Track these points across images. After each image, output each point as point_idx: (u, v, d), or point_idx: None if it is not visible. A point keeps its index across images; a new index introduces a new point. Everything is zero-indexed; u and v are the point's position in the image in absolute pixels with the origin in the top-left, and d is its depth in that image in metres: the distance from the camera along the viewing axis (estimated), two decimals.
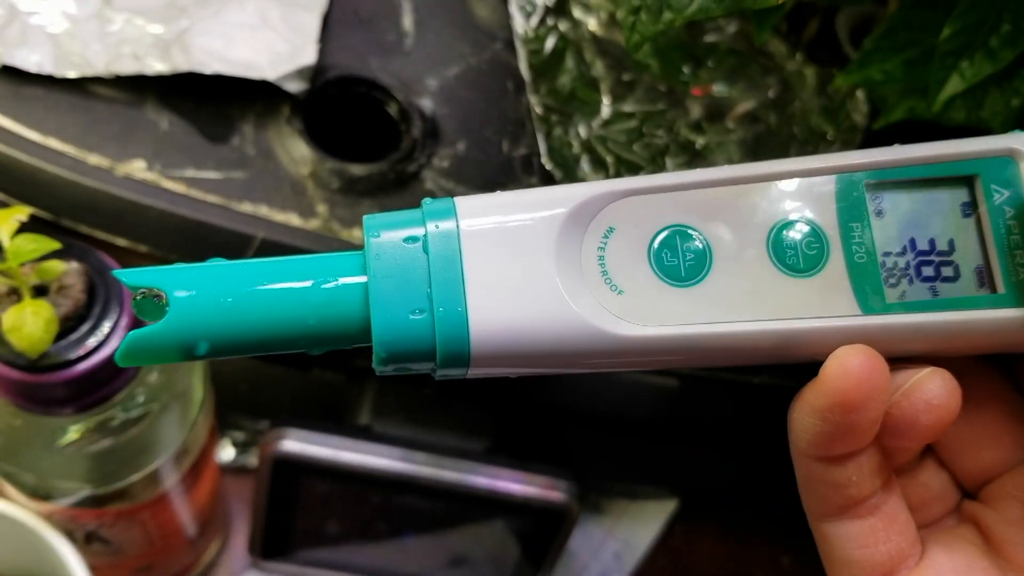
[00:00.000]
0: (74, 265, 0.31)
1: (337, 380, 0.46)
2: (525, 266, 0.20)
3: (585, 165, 0.41)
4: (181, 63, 0.38)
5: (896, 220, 0.22)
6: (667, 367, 0.22)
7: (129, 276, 0.20)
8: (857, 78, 0.38)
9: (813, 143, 0.44)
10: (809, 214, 0.21)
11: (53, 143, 0.37)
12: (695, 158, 0.42)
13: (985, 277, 0.21)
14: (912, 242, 0.22)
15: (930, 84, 0.35)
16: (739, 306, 0.21)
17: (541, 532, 0.44)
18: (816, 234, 0.21)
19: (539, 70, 0.43)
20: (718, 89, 0.44)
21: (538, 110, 0.42)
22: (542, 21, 0.44)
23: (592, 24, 0.45)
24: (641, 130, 0.43)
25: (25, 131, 0.37)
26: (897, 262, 0.21)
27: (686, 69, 0.44)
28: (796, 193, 0.21)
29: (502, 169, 0.42)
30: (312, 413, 0.46)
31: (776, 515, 0.50)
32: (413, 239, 0.20)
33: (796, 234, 0.21)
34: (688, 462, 0.51)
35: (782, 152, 0.43)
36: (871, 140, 0.44)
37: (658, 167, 0.42)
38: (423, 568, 0.47)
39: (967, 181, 0.22)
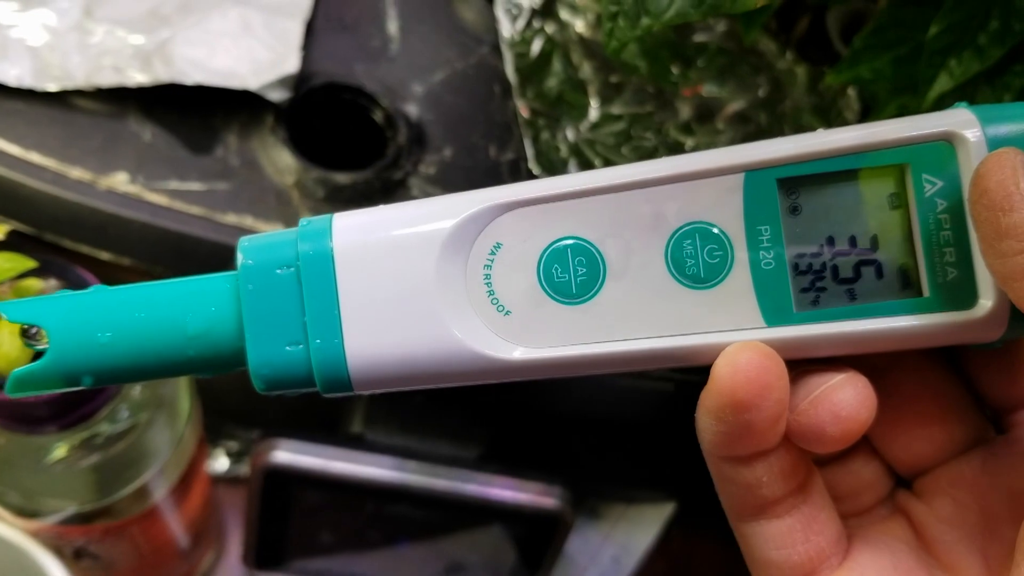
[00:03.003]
0: (52, 283, 0.30)
1: None
2: (404, 289, 0.19)
3: (573, 169, 0.41)
4: (162, 74, 0.38)
5: (813, 217, 0.19)
6: (563, 377, 0.21)
7: (10, 311, 0.20)
8: (847, 76, 0.38)
9: None
10: (712, 218, 0.19)
11: (34, 157, 0.37)
12: None
13: (909, 278, 0.19)
14: (830, 240, 0.19)
15: (919, 82, 0.34)
16: (633, 324, 0.19)
17: (536, 538, 0.43)
18: (719, 240, 0.19)
19: (526, 73, 0.42)
20: (708, 89, 0.44)
21: (525, 114, 0.42)
22: (528, 24, 0.43)
23: (579, 26, 0.44)
24: (629, 132, 0.42)
25: (6, 145, 0.37)
26: (812, 263, 0.19)
27: (675, 69, 0.44)
28: (698, 196, 0.19)
29: (489, 174, 0.41)
30: (304, 422, 0.46)
31: None
32: (286, 265, 0.19)
33: (697, 242, 0.19)
34: (685, 465, 0.50)
35: None
36: None
37: None
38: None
39: (896, 170, 0.19)
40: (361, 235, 0.20)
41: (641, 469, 0.51)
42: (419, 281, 0.19)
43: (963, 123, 0.19)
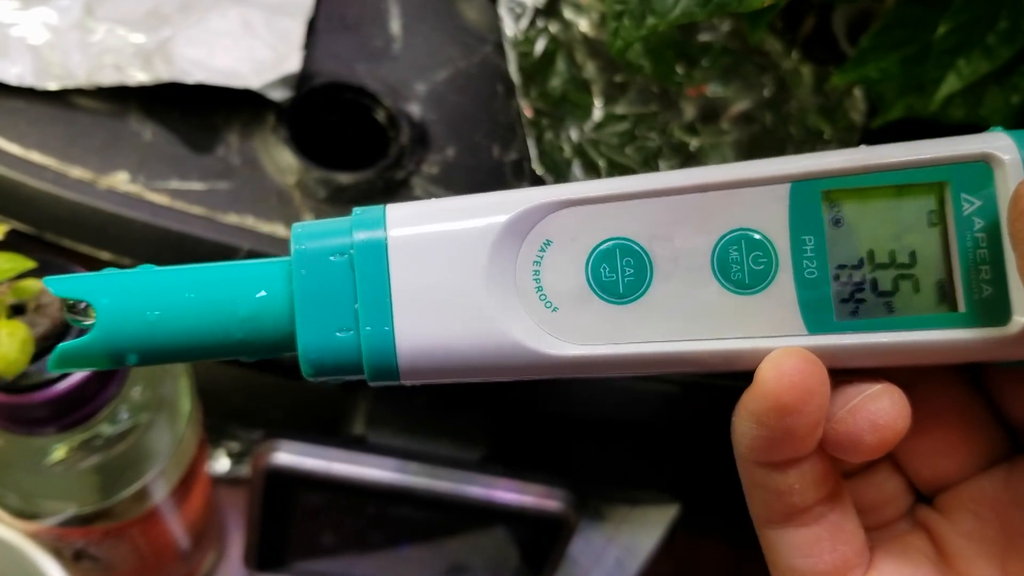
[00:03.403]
0: None
1: (331, 389, 0.45)
2: (455, 281, 0.20)
3: (577, 169, 0.41)
4: (163, 73, 0.38)
5: (854, 230, 0.20)
6: (604, 376, 0.21)
7: (58, 285, 0.20)
8: (854, 76, 0.37)
9: (810, 143, 0.43)
10: (758, 226, 0.20)
11: (35, 156, 0.37)
12: (689, 160, 0.42)
13: (946, 293, 0.20)
14: (871, 253, 0.20)
15: (927, 83, 0.34)
16: (677, 325, 0.20)
17: (539, 541, 0.43)
18: (764, 248, 0.20)
19: (529, 73, 0.42)
20: (712, 89, 0.43)
21: (528, 114, 0.41)
22: (532, 23, 0.43)
23: (583, 25, 0.44)
24: (634, 132, 0.42)
25: (6, 144, 0.37)
26: (852, 275, 0.20)
27: (680, 69, 0.43)
28: (746, 203, 0.20)
29: (492, 174, 0.41)
30: (306, 423, 0.46)
31: None
32: (340, 252, 0.20)
33: (743, 248, 0.20)
34: (689, 467, 0.50)
35: (779, 153, 0.42)
36: (870, 139, 0.43)
37: (651, 170, 0.41)
38: None
39: (935, 188, 0.20)
40: (415, 226, 0.20)
41: (645, 471, 0.50)
42: (470, 273, 0.20)
43: (1001, 146, 0.20)
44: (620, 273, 0.20)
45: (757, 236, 0.20)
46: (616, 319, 0.20)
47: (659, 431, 0.46)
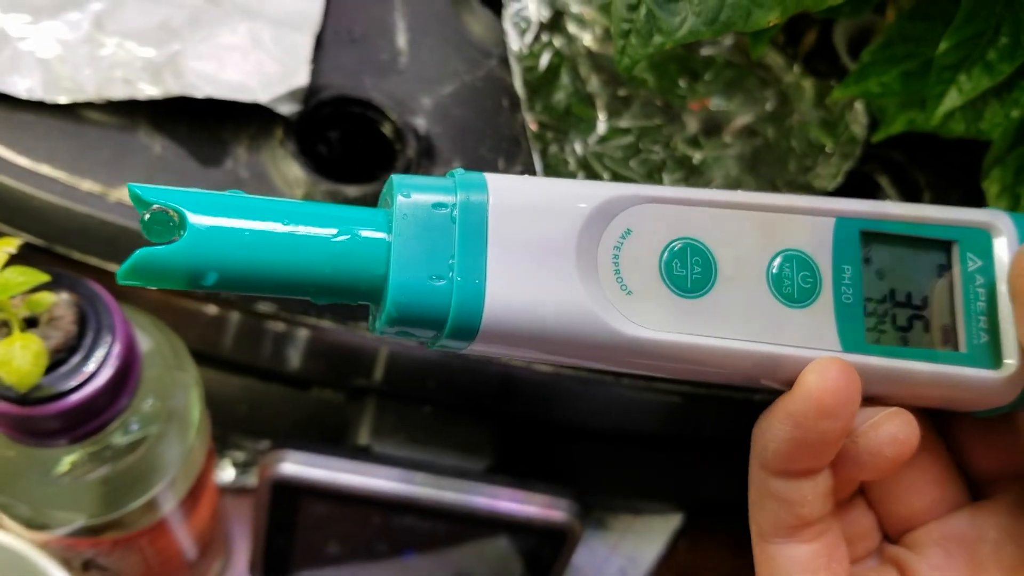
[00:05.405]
0: (64, 296, 0.30)
1: (336, 399, 0.45)
2: (546, 250, 0.21)
3: None
4: (173, 87, 0.38)
5: (881, 269, 0.23)
6: (651, 372, 0.23)
7: (145, 191, 0.19)
8: (855, 91, 0.38)
9: (812, 156, 0.43)
10: (808, 250, 0.22)
11: (45, 169, 0.37)
12: (692, 173, 0.42)
13: (950, 335, 0.23)
14: (892, 292, 0.23)
15: (928, 98, 0.34)
16: (732, 324, 0.22)
17: (544, 551, 0.43)
18: (812, 269, 0.22)
19: (534, 87, 0.43)
20: (715, 103, 0.44)
21: (533, 127, 0.42)
22: (537, 37, 0.44)
23: (587, 39, 0.44)
24: (638, 146, 0.42)
25: (16, 158, 0.37)
26: (877, 308, 0.23)
27: (682, 83, 0.44)
28: (801, 228, 0.22)
29: None
30: (311, 433, 0.46)
31: None
32: (442, 206, 0.20)
33: (795, 266, 0.22)
34: (693, 477, 0.50)
35: (781, 166, 0.43)
36: (872, 152, 0.44)
37: (655, 183, 0.42)
38: None
39: (946, 245, 0.23)
40: (515, 194, 0.21)
41: (648, 480, 0.51)
42: (560, 246, 0.21)
43: (1002, 219, 0.24)
44: (689, 270, 0.22)
45: (806, 258, 0.22)
46: (681, 310, 0.22)
47: (662, 441, 0.46)
